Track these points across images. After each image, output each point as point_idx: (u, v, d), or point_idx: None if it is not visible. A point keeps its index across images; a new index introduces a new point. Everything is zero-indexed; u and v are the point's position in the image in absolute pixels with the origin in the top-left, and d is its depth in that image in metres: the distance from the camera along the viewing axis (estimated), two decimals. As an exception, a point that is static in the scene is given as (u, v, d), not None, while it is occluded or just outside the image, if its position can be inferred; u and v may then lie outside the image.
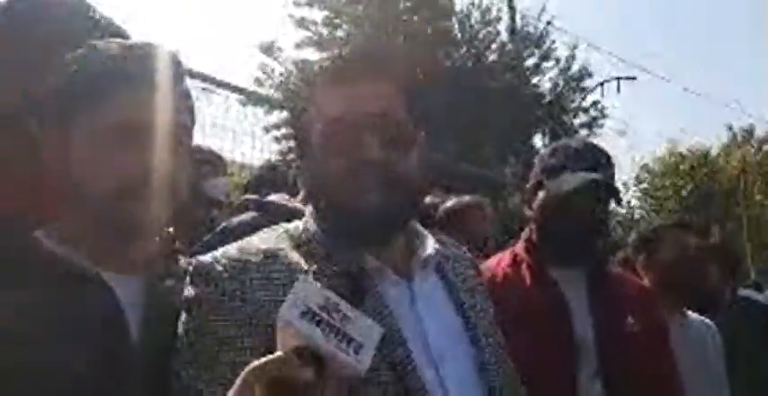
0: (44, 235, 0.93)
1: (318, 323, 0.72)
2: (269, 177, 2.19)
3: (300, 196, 1.46)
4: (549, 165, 1.61)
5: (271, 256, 0.94)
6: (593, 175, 1.52)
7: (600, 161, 1.58)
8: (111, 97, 0.90)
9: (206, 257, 0.93)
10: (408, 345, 0.91)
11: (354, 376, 0.74)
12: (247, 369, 0.70)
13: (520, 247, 1.66)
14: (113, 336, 0.87)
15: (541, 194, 1.60)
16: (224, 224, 1.43)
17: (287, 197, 1.46)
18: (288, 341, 0.72)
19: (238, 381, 0.70)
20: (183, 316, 0.91)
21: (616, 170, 1.64)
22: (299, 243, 0.97)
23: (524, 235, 1.67)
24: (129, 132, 0.90)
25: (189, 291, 0.91)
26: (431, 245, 1.02)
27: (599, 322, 1.50)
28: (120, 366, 0.86)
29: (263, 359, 0.70)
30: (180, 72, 0.99)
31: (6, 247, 0.87)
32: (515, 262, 1.62)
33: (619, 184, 1.76)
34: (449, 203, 2.65)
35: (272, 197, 1.47)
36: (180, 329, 0.90)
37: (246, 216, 1.43)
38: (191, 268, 0.93)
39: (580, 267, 1.59)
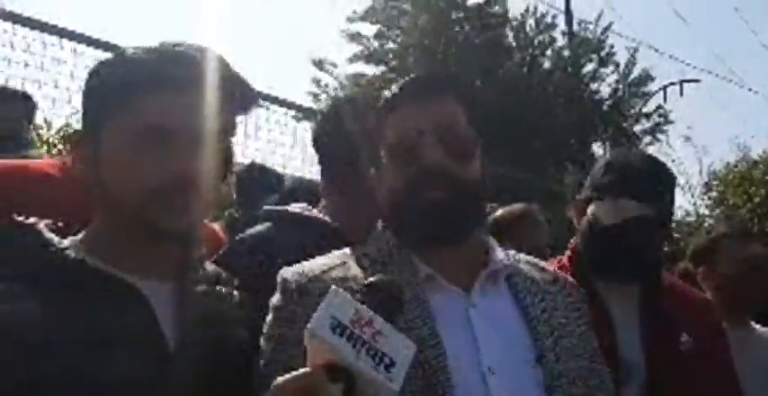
0: (74, 244, 0.94)
1: (349, 338, 0.69)
2: (259, 178, 2.20)
3: (321, 206, 1.47)
4: (601, 182, 1.51)
5: (341, 273, 1.03)
6: (644, 211, 1.39)
7: (657, 186, 1.45)
8: (137, 100, 0.91)
9: (291, 270, 1.04)
10: (449, 352, 0.92)
11: (385, 395, 0.71)
12: (275, 383, 0.69)
13: (566, 256, 1.60)
14: (150, 345, 0.88)
15: (590, 212, 1.51)
16: (240, 235, 1.43)
17: (309, 207, 1.47)
18: (317, 355, 0.70)
19: (266, 394, 0.69)
20: (270, 320, 0.99)
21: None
22: (365, 259, 1.06)
23: (571, 244, 1.60)
24: (156, 135, 0.90)
25: (277, 300, 1.01)
26: (501, 258, 1.06)
27: (649, 342, 1.41)
28: (158, 375, 0.86)
29: (292, 374, 0.69)
30: (224, 74, 0.97)
31: (37, 259, 0.88)
32: None
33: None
34: (498, 213, 2.60)
35: (294, 207, 1.47)
36: (265, 332, 0.98)
37: (262, 227, 1.43)
38: (279, 278, 1.03)
39: (630, 284, 1.51)
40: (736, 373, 1.55)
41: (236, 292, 1.07)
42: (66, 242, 0.93)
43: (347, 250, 1.10)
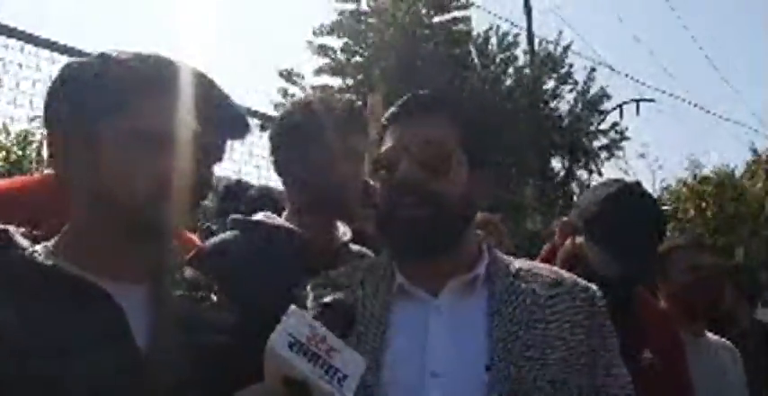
0: (46, 250, 0.93)
1: (305, 354, 0.75)
2: (234, 191, 2.23)
3: (285, 214, 1.50)
4: (588, 213, 1.52)
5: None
6: (630, 268, 1.42)
7: (651, 235, 1.47)
8: (134, 102, 0.92)
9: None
10: (396, 356, 0.97)
11: None
12: (236, 395, 0.73)
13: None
14: (120, 350, 0.88)
15: (584, 251, 1.50)
16: (207, 242, 1.45)
17: (272, 215, 1.49)
18: (274, 370, 0.75)
19: None
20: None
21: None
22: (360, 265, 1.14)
23: (543, 253, 1.63)
24: (152, 137, 0.91)
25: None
26: (482, 266, 1.07)
27: None
28: (128, 378, 0.86)
29: (251, 387, 0.75)
30: (205, 87, 0.99)
31: (7, 264, 0.88)
32: None
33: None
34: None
35: (258, 216, 1.49)
36: None
37: (228, 234, 1.46)
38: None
39: None
40: (693, 385, 1.59)
41: (214, 297, 1.07)
42: (37, 247, 0.93)
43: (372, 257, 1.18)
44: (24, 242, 0.92)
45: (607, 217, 1.50)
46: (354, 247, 1.52)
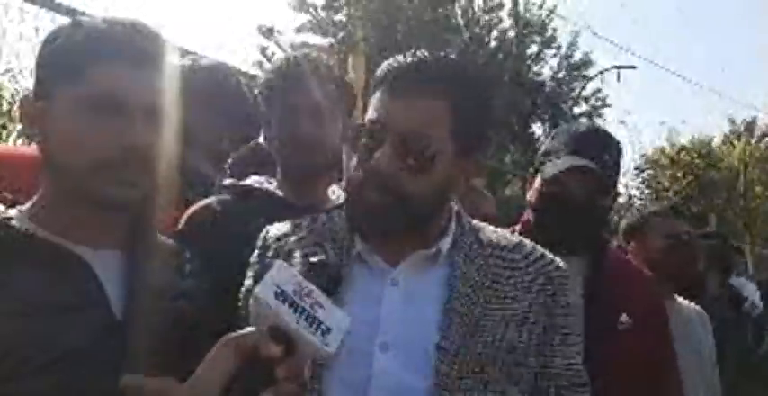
0: (20, 214, 0.92)
1: (290, 304, 0.76)
2: (250, 157, 2.21)
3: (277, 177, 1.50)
4: (547, 148, 1.57)
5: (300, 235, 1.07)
6: (583, 162, 1.45)
7: (601, 147, 1.49)
8: (90, 70, 0.89)
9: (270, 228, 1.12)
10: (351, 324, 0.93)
11: (321, 358, 0.78)
12: (223, 339, 0.73)
13: (517, 229, 1.58)
14: (95, 313, 0.88)
15: (537, 178, 1.55)
16: (199, 204, 1.44)
17: (260, 180, 1.48)
18: (261, 319, 0.76)
19: (214, 349, 0.72)
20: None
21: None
22: (318, 229, 1.08)
23: (523, 218, 1.62)
24: (107, 105, 0.89)
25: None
26: (447, 239, 1.03)
27: (590, 321, 1.42)
28: (103, 341, 0.86)
29: (239, 332, 0.74)
30: (166, 51, 0.97)
31: None
32: None
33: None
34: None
35: (249, 180, 1.49)
36: None
37: (213, 199, 1.46)
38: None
39: (577, 257, 1.50)
40: (674, 351, 1.60)
41: (187, 265, 1.06)
42: (11, 212, 0.92)
43: (317, 217, 1.11)
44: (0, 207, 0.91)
45: (555, 138, 1.55)
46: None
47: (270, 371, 0.72)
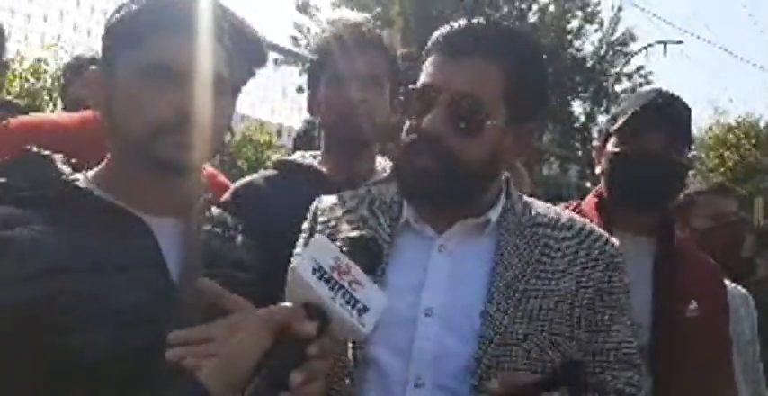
0: (86, 178, 0.97)
1: (327, 281, 0.74)
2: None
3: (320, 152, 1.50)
4: (616, 111, 1.51)
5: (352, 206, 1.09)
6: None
7: (672, 100, 1.44)
8: (148, 39, 0.93)
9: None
10: (391, 291, 0.92)
11: (355, 337, 0.78)
12: (258, 313, 0.73)
13: (588, 202, 1.52)
14: (153, 274, 0.91)
15: (610, 140, 1.47)
16: (244, 179, 1.48)
17: (306, 154, 1.50)
18: (297, 294, 0.75)
19: (249, 322, 0.72)
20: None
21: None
22: (369, 197, 1.09)
23: (594, 191, 1.55)
24: (164, 73, 0.93)
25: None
26: (496, 210, 1.03)
27: (659, 306, 1.38)
28: (159, 301, 0.89)
29: (274, 307, 0.74)
30: (224, 26, 1.01)
31: (45, 189, 0.92)
32: None
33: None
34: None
35: (295, 155, 1.51)
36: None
37: (267, 173, 1.50)
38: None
39: (647, 238, 1.46)
40: (732, 346, 1.56)
41: (240, 237, 1.09)
42: (78, 175, 0.97)
43: (367, 189, 1.13)
44: (66, 169, 0.96)
45: (625, 102, 1.51)
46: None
47: (302, 347, 0.71)
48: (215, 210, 1.10)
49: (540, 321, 0.97)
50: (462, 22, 1.02)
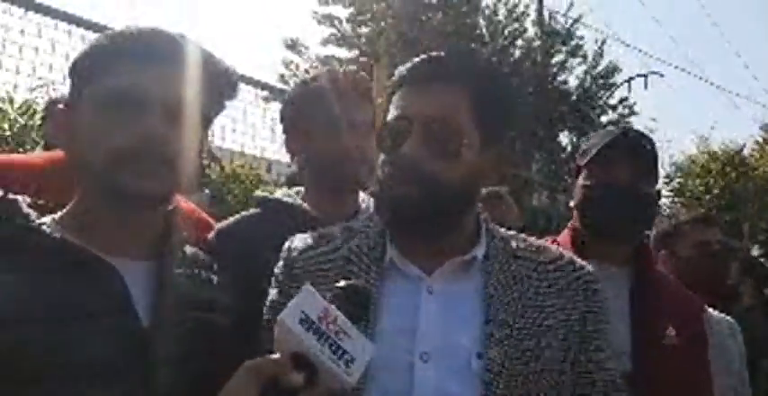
0: (53, 221, 0.94)
1: (315, 332, 0.75)
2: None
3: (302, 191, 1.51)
4: (585, 146, 1.56)
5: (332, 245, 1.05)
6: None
7: (639, 137, 1.50)
8: (112, 67, 0.92)
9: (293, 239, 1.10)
10: (384, 337, 0.93)
11: (342, 388, 0.77)
12: (245, 365, 0.73)
13: (564, 236, 1.57)
14: (123, 321, 0.88)
15: (582, 173, 1.53)
16: (228, 220, 1.47)
17: (291, 193, 1.50)
18: (284, 345, 0.75)
19: (236, 375, 0.73)
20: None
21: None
22: (353, 236, 1.06)
23: (569, 225, 1.58)
24: (125, 100, 0.91)
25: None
26: (481, 247, 1.02)
27: (638, 333, 1.40)
28: (130, 349, 0.86)
29: (261, 359, 0.74)
30: (188, 51, 0.99)
31: (9, 234, 0.88)
32: None
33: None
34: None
35: (277, 193, 1.51)
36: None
37: (249, 212, 1.49)
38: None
39: (623, 268, 1.49)
40: (710, 373, 1.54)
41: (215, 277, 1.06)
42: (45, 219, 0.93)
43: (346, 227, 1.11)
44: (30, 212, 0.92)
45: (594, 138, 1.55)
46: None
47: None
48: (189, 249, 1.06)
49: (537, 361, 0.96)
50: (422, 56, 1.04)
